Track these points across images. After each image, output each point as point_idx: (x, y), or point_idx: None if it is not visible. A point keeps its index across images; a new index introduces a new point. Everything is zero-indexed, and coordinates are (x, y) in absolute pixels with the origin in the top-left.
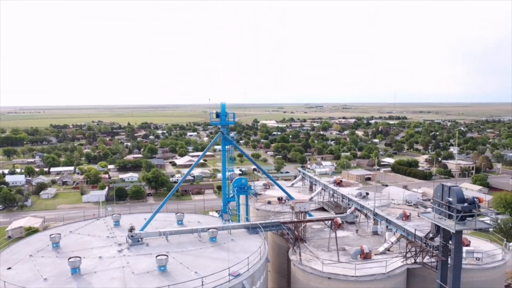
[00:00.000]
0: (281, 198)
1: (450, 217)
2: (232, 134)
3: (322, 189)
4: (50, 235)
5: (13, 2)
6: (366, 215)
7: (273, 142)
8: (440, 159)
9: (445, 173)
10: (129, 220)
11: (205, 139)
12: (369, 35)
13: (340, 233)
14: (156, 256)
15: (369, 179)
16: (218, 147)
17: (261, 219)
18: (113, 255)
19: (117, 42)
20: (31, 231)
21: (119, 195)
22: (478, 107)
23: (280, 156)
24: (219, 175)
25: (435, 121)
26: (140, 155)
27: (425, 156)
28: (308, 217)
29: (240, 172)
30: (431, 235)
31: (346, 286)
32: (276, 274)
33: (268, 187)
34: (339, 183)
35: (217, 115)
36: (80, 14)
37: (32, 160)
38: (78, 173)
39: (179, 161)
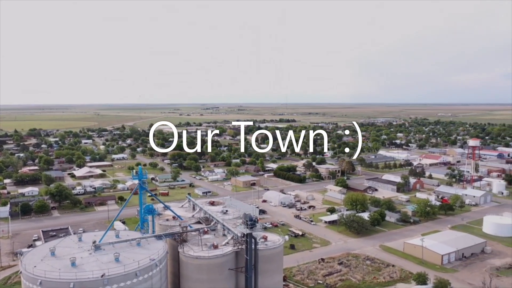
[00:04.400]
0: (174, 216)
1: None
2: (128, 141)
3: (200, 209)
4: (49, 248)
5: None
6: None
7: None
8: (314, 164)
9: (316, 177)
10: (87, 236)
11: (102, 147)
12: (277, 34)
13: (205, 236)
14: (113, 254)
15: (254, 184)
16: (116, 156)
17: (163, 231)
18: (87, 256)
19: None
20: None
21: (24, 210)
22: (360, 108)
23: (176, 165)
24: (119, 186)
25: (319, 124)
26: (36, 167)
27: (303, 161)
28: (188, 228)
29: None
30: (242, 235)
31: (204, 261)
32: (171, 260)
33: (166, 209)
34: (212, 203)
35: (136, 173)
36: None
37: None
38: None
39: (78, 172)
